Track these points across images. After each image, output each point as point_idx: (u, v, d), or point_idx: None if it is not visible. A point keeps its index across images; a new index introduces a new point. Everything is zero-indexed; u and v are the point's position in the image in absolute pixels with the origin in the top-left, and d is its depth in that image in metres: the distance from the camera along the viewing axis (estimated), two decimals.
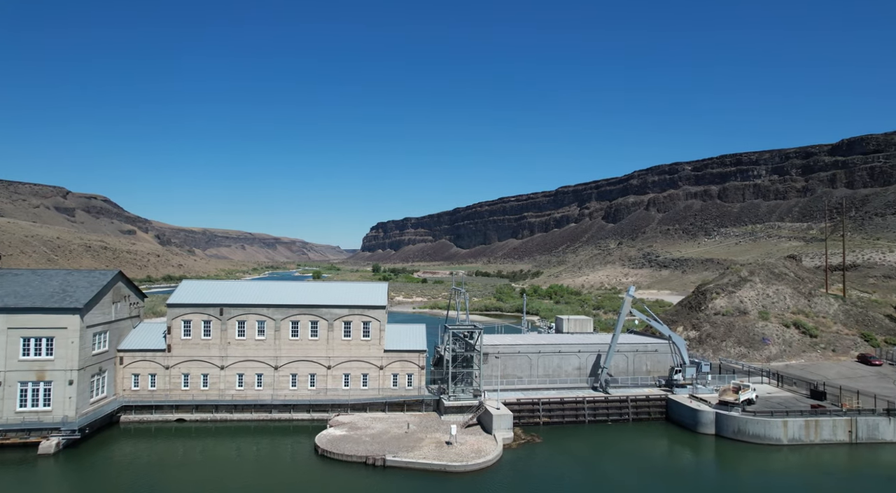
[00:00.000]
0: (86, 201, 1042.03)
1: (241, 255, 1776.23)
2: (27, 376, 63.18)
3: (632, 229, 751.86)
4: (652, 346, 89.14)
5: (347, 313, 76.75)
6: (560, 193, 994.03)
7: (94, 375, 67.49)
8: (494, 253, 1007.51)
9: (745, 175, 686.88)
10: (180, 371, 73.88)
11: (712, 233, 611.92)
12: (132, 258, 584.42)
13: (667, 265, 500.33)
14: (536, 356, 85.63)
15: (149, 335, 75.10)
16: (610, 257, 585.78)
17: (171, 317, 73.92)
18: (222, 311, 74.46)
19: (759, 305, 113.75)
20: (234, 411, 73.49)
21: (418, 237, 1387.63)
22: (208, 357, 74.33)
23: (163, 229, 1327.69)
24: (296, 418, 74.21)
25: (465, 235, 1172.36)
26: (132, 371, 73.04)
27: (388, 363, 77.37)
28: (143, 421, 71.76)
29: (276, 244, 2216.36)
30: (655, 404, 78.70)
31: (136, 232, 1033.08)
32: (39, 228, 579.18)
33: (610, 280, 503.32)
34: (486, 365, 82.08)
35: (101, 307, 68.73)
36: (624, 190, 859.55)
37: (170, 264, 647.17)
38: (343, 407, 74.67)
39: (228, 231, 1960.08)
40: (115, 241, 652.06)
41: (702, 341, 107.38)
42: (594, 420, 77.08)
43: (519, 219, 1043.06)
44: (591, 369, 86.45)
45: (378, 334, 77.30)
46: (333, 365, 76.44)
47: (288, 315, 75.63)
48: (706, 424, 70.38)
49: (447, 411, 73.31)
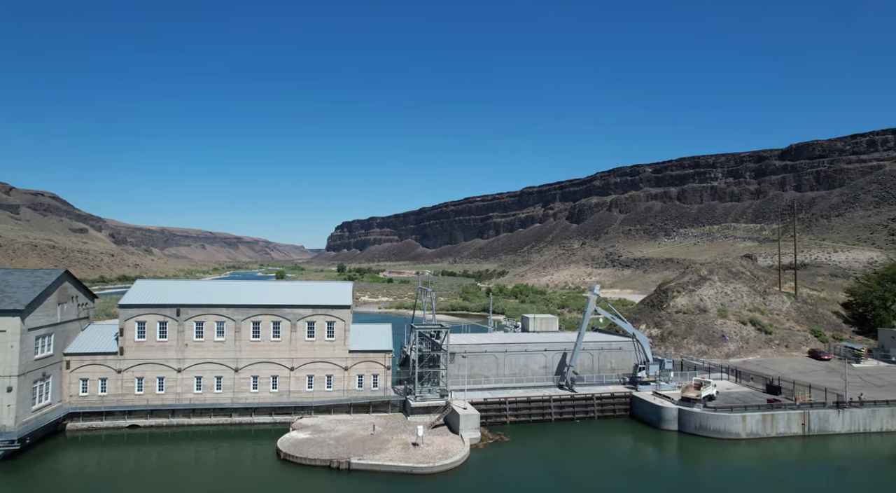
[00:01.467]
0: (32, 198, 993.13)
1: (201, 254, 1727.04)
2: None
3: (595, 230, 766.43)
4: (616, 344, 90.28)
5: (311, 314, 74.73)
6: (525, 193, 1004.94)
7: (36, 381, 63.49)
8: (460, 253, 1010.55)
9: (703, 177, 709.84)
10: (133, 375, 70.39)
11: (672, 233, 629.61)
12: (84, 258, 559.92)
13: (629, 265, 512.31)
14: (503, 356, 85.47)
15: (99, 338, 71.28)
16: (574, 256, 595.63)
17: (125, 318, 70.35)
18: (179, 311, 71.34)
19: (717, 303, 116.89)
20: (192, 415, 70.50)
21: (384, 237, 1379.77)
22: (164, 360, 71.07)
23: (118, 228, 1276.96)
24: (257, 421, 71.77)
25: (431, 234, 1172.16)
26: (80, 376, 69.13)
27: (354, 364, 75.74)
28: (91, 429, 67.99)
29: (239, 244, 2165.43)
30: (620, 401, 79.59)
31: (88, 231, 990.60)
32: None
33: (574, 280, 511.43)
34: (453, 365, 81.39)
35: (46, 309, 64.75)
36: (587, 191, 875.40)
37: (125, 263, 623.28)
38: (307, 410, 72.65)
39: (188, 230, 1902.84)
40: (64, 240, 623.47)
41: (664, 339, 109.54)
42: (560, 418, 77.35)
43: (484, 219, 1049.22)
44: (558, 368, 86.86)
45: (343, 335, 75.57)
46: (296, 367, 74.30)
47: (249, 316, 73.07)
48: (669, 420, 71.53)
49: (414, 411, 72.25)
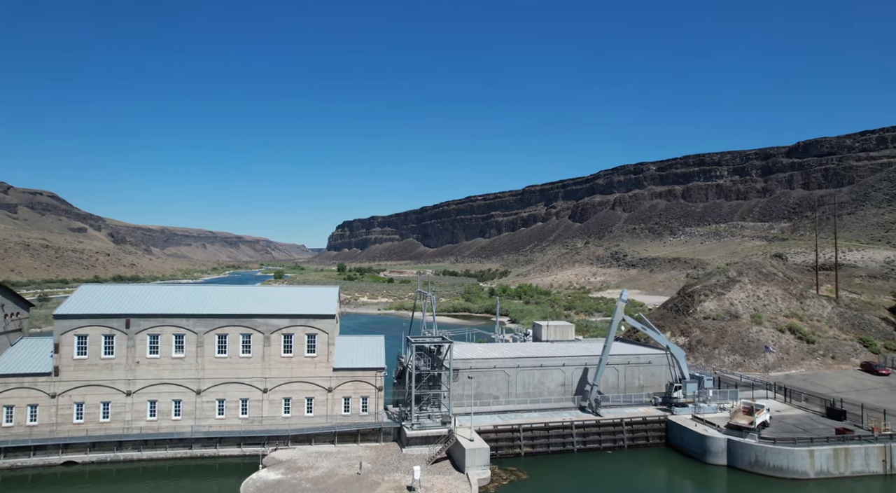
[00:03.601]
0: (30, 197, 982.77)
1: (202, 254, 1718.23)
2: None
3: (598, 229, 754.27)
4: (645, 357, 78.20)
5: (288, 324, 62.78)
6: (527, 192, 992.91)
7: None
8: (462, 252, 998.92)
9: (708, 175, 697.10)
10: (71, 400, 58.52)
11: (677, 232, 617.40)
12: (78, 257, 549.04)
13: (634, 264, 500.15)
14: (515, 372, 73.48)
15: (29, 355, 59.46)
16: (578, 256, 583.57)
17: (61, 331, 58.48)
18: (129, 323, 59.45)
19: (750, 307, 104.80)
20: (144, 447, 58.65)
21: (385, 236, 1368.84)
22: (110, 381, 59.20)
23: (117, 227, 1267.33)
24: (223, 454, 59.91)
25: (433, 234, 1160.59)
26: (4, 402, 57.30)
27: (339, 384, 63.79)
28: (16, 467, 56.10)
29: (240, 243, 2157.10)
30: (654, 427, 67.63)
31: (87, 230, 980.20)
32: None
33: (578, 279, 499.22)
34: (457, 383, 69.40)
35: None
36: (590, 189, 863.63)
37: (121, 263, 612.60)
38: (283, 439, 60.76)
39: (189, 229, 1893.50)
40: (59, 239, 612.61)
41: (692, 348, 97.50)
42: (584, 448, 65.46)
43: (486, 218, 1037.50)
44: (578, 386, 74.89)
45: (326, 349, 63.63)
46: (270, 388, 62.38)
47: (213, 328, 61.15)
48: (716, 452, 59.54)
49: (410, 442, 60.36)
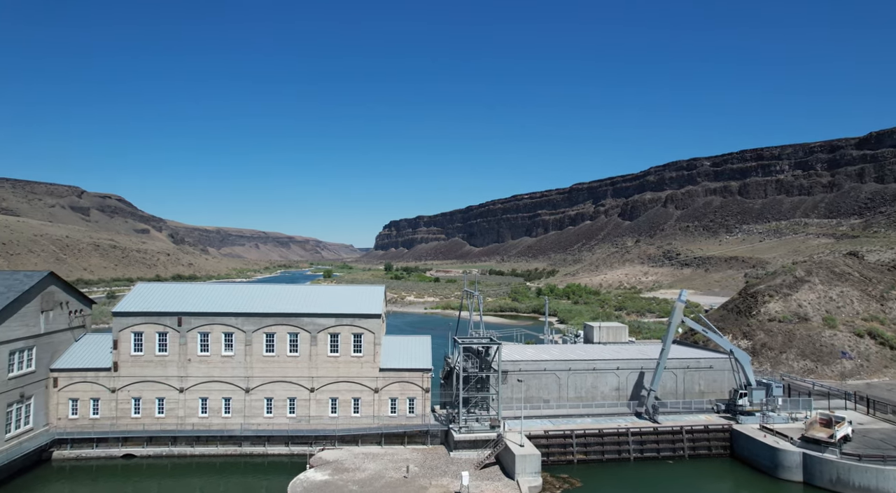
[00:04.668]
0: (100, 201, 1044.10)
1: (255, 254, 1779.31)
2: None
3: (649, 227, 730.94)
4: (706, 361, 73.54)
5: (334, 324, 62.36)
6: (575, 190, 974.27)
7: (11, 403, 53.90)
8: (508, 251, 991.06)
9: (767, 170, 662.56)
10: (129, 395, 60.08)
11: (734, 230, 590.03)
12: (142, 257, 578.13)
13: (688, 264, 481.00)
14: (566, 375, 70.58)
15: (92, 351, 61.43)
16: (628, 254, 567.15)
17: (119, 328, 60.16)
18: (181, 320, 60.51)
19: (821, 310, 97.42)
20: (196, 443, 59.53)
21: (431, 236, 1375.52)
22: (164, 378, 60.43)
23: (177, 228, 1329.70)
24: (271, 452, 60.07)
25: (479, 233, 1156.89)
26: (70, 396, 59.40)
27: (385, 385, 62.87)
28: (81, 458, 58.06)
29: (290, 243, 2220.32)
30: (717, 436, 63.26)
31: (149, 231, 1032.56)
32: (49, 226, 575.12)
33: (629, 279, 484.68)
34: (506, 385, 67.18)
35: (23, 318, 55.11)
36: (640, 187, 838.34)
37: (180, 263, 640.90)
38: (330, 439, 60.35)
39: (242, 230, 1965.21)
40: (125, 239, 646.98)
41: (756, 352, 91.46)
42: (641, 457, 61.94)
43: (533, 217, 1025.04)
44: (633, 391, 71.19)
45: (372, 349, 62.83)
46: (317, 387, 62.12)
47: (261, 326, 61.45)
48: (790, 467, 54.84)
49: (458, 445, 58.70)
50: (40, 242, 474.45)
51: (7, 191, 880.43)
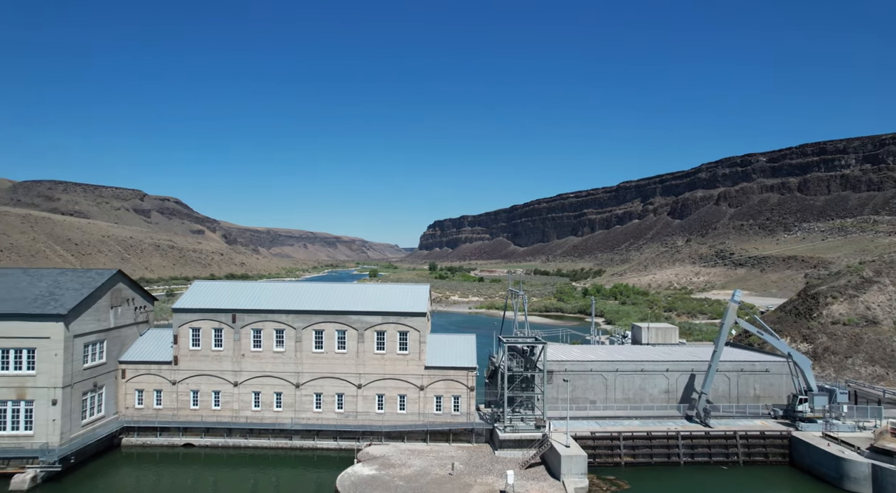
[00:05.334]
0: (160, 203, 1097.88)
1: (303, 254, 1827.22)
2: (6, 395, 54.02)
3: (701, 226, 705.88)
4: (762, 365, 70.63)
5: (380, 322, 63.60)
6: (622, 188, 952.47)
7: (86, 392, 57.70)
8: (553, 251, 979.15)
9: (830, 165, 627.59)
10: (188, 387, 63.23)
11: (793, 228, 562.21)
12: (197, 257, 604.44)
13: (743, 263, 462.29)
14: (613, 376, 69.37)
15: (155, 345, 64.99)
16: (678, 254, 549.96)
17: (178, 324, 63.42)
18: (235, 317, 63.19)
19: (893, 313, 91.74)
20: (250, 435, 62.03)
21: (475, 235, 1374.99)
22: (220, 372, 63.27)
23: (230, 229, 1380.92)
24: (320, 446, 61.86)
25: (523, 232, 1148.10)
26: (136, 386, 63.06)
27: (430, 383, 63.62)
28: (146, 445, 61.57)
29: (337, 243, 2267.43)
30: (774, 442, 60.72)
31: (204, 232, 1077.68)
32: (115, 228, 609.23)
33: (679, 279, 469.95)
34: (551, 385, 66.69)
35: (96, 313, 58.90)
36: (691, 184, 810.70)
37: (233, 262, 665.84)
38: (376, 435, 61.63)
39: (291, 230, 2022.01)
40: (182, 240, 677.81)
41: (818, 357, 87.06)
42: (692, 461, 60.21)
43: (578, 216, 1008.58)
44: (684, 394, 69.23)
45: (417, 347, 63.71)
46: (364, 384, 63.54)
47: (310, 323, 63.37)
48: (857, 479, 52.03)
49: (503, 445, 58.76)
50: (108, 243, 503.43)
51: (79, 195, 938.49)
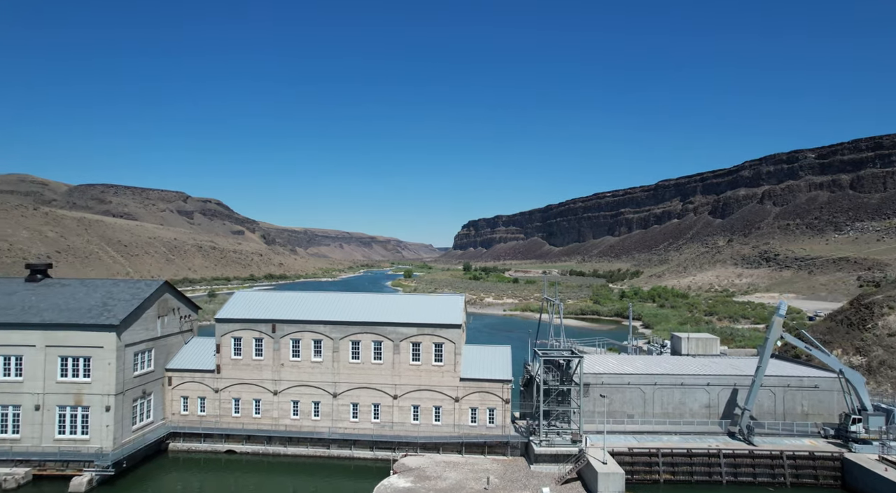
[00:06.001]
0: (202, 205, 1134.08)
1: (339, 253, 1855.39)
2: (65, 400, 56.98)
3: (743, 225, 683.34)
4: (810, 380, 67.88)
5: (416, 333, 64.14)
6: (660, 187, 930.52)
7: (136, 398, 60.30)
8: (589, 251, 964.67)
9: (887, 161, 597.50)
10: (230, 395, 65.23)
11: (844, 228, 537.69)
12: (237, 258, 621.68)
13: (788, 265, 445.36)
14: (651, 389, 67.97)
15: (199, 353, 67.31)
16: (719, 255, 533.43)
17: (221, 333, 65.51)
18: (275, 327, 64.83)
19: None
20: (289, 444, 63.55)
21: (510, 235, 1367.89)
22: (260, 380, 65.05)
23: (268, 230, 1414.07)
24: (357, 456, 62.83)
25: (558, 232, 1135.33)
26: (181, 393, 65.48)
27: (465, 394, 63.78)
28: (191, 451, 63.87)
29: (372, 243, 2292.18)
30: (825, 464, 58.29)
31: (244, 232, 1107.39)
32: (161, 230, 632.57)
33: (720, 281, 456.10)
34: (587, 398, 65.86)
35: (144, 322, 61.46)
36: (733, 182, 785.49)
37: (271, 263, 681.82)
38: (412, 446, 62.20)
39: (328, 231, 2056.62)
40: (223, 241, 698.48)
41: (871, 371, 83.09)
42: (734, 481, 58.45)
43: (615, 215, 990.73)
44: (726, 409, 67.24)
45: (452, 359, 63.96)
46: (400, 394, 64.20)
47: (347, 334, 64.45)
48: None
49: (538, 459, 58.40)
50: (154, 245, 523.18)
51: (128, 197, 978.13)
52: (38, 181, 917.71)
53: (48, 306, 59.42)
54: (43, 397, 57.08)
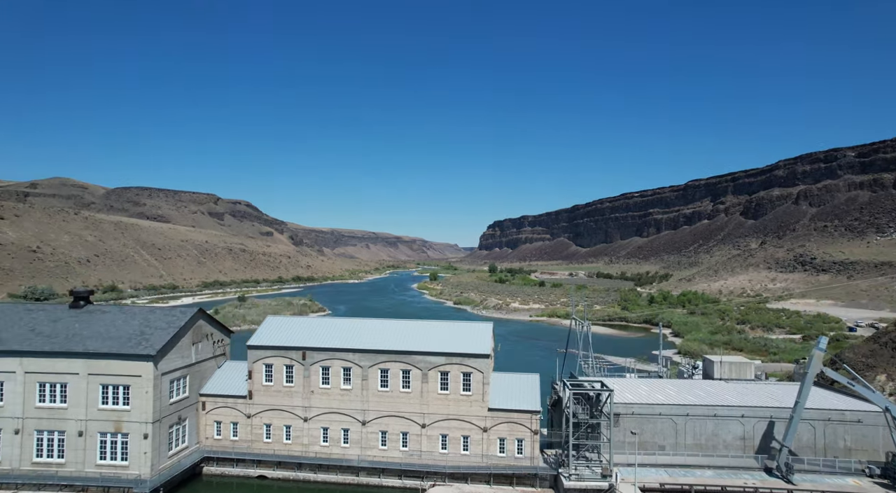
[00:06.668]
0: (232, 206, 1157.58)
1: (366, 253, 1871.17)
2: (106, 427, 58.84)
3: (777, 226, 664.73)
4: (853, 414, 65.47)
5: (444, 362, 64.21)
6: (690, 187, 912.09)
7: (172, 425, 61.90)
8: (617, 252, 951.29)
9: None
10: (262, 421, 66.40)
11: (887, 230, 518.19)
12: (266, 260, 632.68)
13: (826, 269, 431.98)
14: (683, 420, 66.59)
15: (232, 378, 68.68)
16: (752, 258, 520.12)
17: (252, 360, 66.71)
18: (305, 355, 65.72)
19: None
20: (319, 470, 64.33)
21: (535, 236, 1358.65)
22: (291, 407, 66.03)
23: (296, 230, 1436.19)
24: (385, 484, 63.26)
25: (585, 233, 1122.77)
26: (214, 418, 66.94)
27: (494, 425, 63.57)
28: (224, 475, 65.22)
29: (398, 243, 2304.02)
30: None
31: (272, 233, 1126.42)
32: (193, 232, 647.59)
33: (753, 285, 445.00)
34: (617, 428, 64.87)
35: (180, 350, 63.01)
36: (767, 182, 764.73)
37: (299, 265, 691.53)
38: (440, 475, 62.28)
39: (354, 231, 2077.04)
40: (252, 243, 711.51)
41: None
42: None
43: (643, 216, 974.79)
44: (762, 442, 65.43)
45: (481, 389, 63.82)
46: (428, 423, 64.37)
47: (376, 362, 64.93)
48: None
49: (567, 492, 57.86)
50: (186, 248, 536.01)
51: (162, 199, 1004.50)
52: (78, 185, 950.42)
53: (90, 334, 61.41)
54: (86, 423, 59.04)
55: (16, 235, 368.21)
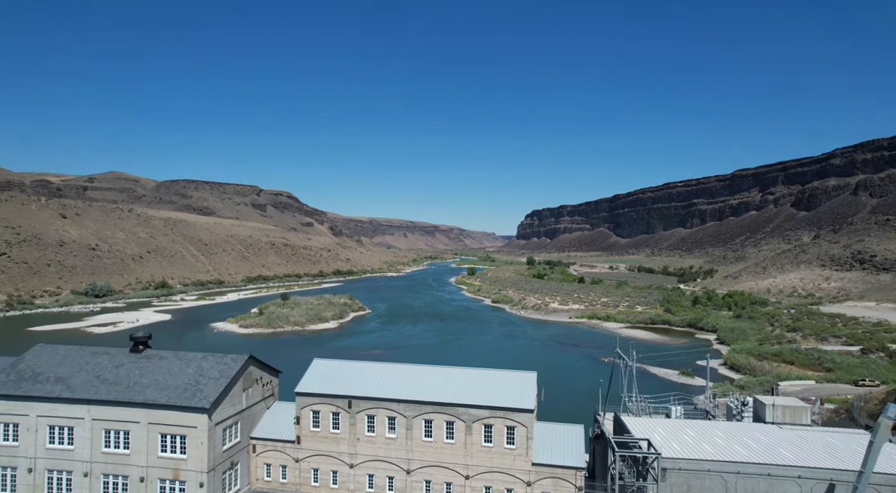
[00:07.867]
0: (274, 198, 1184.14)
1: (403, 242, 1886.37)
2: (165, 474, 61.71)
3: (833, 220, 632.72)
4: None
5: (488, 415, 64.32)
6: (737, 176, 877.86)
7: (225, 471, 64.40)
8: (659, 244, 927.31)
9: None
10: (310, 465, 68.27)
11: None
12: (307, 254, 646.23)
13: (888, 268, 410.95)
14: (734, 478, 64.69)
15: (280, 421, 70.76)
16: (804, 254, 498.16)
17: (300, 406, 68.48)
18: (351, 403, 67.00)
19: None
20: None
21: (574, 226, 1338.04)
22: (337, 453, 67.60)
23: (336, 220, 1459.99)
24: None
25: (626, 223, 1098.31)
26: (264, 461, 69.25)
27: (538, 479, 63.43)
28: None
29: (435, 232, 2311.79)
30: None
31: (313, 224, 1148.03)
32: (237, 227, 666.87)
33: (805, 285, 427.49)
34: (664, 483, 63.71)
35: (231, 398, 65.28)
36: (821, 171, 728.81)
37: (339, 258, 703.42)
38: None
39: (392, 220, 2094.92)
40: (293, 236, 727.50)
41: None
42: None
43: (687, 206, 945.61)
44: None
45: (525, 443, 63.70)
46: (472, 475, 64.79)
47: (420, 413, 65.63)
48: None
49: None
50: (231, 243, 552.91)
51: (207, 192, 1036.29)
52: (130, 178, 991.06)
53: (149, 383, 64.27)
54: (147, 469, 62.09)
55: (77, 234, 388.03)
